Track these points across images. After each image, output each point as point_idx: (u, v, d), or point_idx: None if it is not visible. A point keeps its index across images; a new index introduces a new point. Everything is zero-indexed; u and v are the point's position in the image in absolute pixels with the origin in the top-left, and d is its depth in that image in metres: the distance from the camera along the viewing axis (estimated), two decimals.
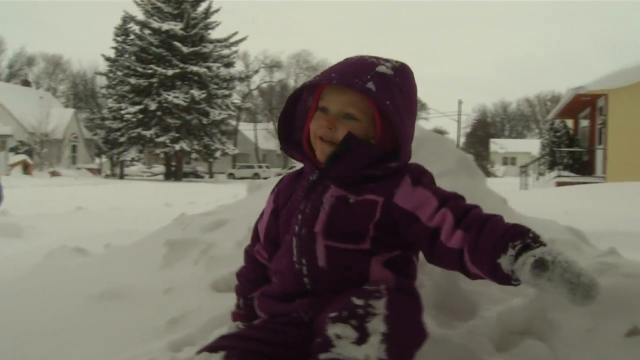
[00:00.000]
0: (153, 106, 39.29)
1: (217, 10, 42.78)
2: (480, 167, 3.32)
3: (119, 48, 45.69)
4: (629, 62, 20.12)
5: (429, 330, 1.50)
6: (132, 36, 43.28)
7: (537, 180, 22.94)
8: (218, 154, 42.21)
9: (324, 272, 1.51)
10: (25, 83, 54.20)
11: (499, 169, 60.34)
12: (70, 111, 48.72)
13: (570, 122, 24.38)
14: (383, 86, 1.52)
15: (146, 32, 40.89)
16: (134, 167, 50.32)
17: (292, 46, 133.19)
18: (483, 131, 77.52)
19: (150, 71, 39.54)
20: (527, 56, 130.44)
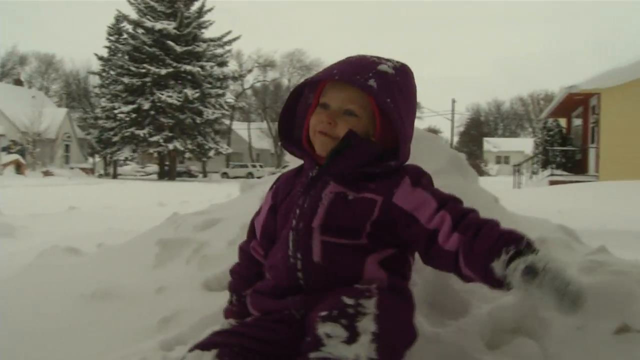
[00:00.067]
0: (146, 105, 39.17)
1: (211, 9, 42.72)
2: (474, 166, 3.33)
3: (112, 47, 45.54)
4: (622, 61, 20.23)
5: (419, 330, 1.51)
6: (125, 35, 43.10)
7: (530, 179, 23.01)
8: (212, 153, 42.13)
9: (318, 268, 1.52)
10: (18, 82, 53.85)
11: (493, 167, 60.46)
12: (63, 110, 48.47)
13: (563, 121, 24.47)
14: (384, 84, 1.54)
15: (139, 31, 40.73)
16: (127, 167, 50.21)
17: (286, 45, 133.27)
18: (477, 130, 77.72)
19: (143, 70, 39.40)
20: (521, 56, 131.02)
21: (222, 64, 43.83)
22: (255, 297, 1.66)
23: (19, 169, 33.97)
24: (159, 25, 39.66)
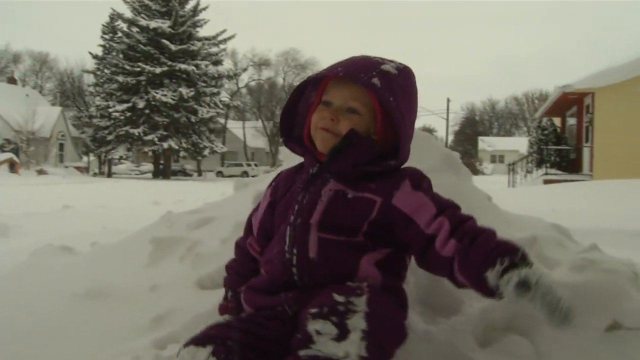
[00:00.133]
0: (141, 104, 39.06)
1: (205, 8, 42.60)
2: (469, 165, 3.35)
3: (107, 46, 45.30)
4: (615, 61, 20.30)
5: (411, 328, 1.52)
6: (120, 34, 42.85)
7: (525, 178, 23.06)
8: (206, 152, 42.06)
9: (313, 264, 1.52)
10: (11, 80, 53.69)
11: (487, 166, 60.60)
12: (57, 109, 48.30)
13: (557, 120, 24.53)
14: (387, 84, 1.55)
15: (134, 30, 40.62)
16: (122, 166, 50.14)
17: (281, 44, 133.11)
18: (471, 129, 77.88)
19: (138, 69, 39.31)
20: (516, 55, 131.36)
21: (217, 63, 43.71)
22: (249, 293, 1.66)
23: (13, 167, 33.84)
24: (153, 24, 39.54)
